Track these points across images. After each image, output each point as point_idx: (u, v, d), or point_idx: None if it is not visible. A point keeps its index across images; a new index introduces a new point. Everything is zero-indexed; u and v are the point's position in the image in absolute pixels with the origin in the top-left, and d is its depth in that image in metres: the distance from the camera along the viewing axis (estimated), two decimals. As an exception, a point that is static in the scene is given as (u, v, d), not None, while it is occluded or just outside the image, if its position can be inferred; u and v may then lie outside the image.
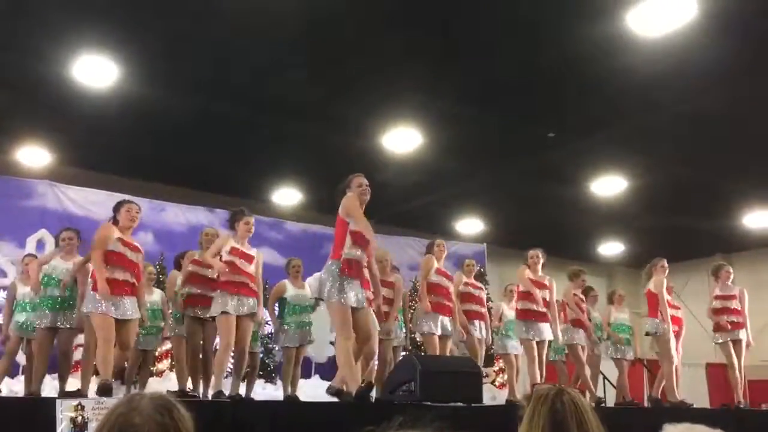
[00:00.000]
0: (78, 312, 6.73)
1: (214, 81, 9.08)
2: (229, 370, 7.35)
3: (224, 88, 9.26)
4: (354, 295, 5.97)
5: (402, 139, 10.62)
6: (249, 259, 6.87)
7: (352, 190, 6.21)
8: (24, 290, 7.66)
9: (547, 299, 8.19)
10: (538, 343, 8.13)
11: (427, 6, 7.49)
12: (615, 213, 13.96)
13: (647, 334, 8.73)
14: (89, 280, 6.43)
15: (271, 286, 8.91)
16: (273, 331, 8.91)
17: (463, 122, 10.17)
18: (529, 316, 8.10)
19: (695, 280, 9.92)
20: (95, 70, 8.53)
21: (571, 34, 7.83)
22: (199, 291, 7.25)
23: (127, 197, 6.85)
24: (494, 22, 7.71)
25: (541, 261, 8.35)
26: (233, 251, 6.80)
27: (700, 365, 12.50)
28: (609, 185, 12.59)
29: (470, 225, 15.30)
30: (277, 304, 8.44)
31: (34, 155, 11.07)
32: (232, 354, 6.82)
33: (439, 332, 7.81)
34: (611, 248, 17.14)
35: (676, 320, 8.86)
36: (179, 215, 12.18)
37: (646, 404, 10.06)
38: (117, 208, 6.50)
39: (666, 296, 8.60)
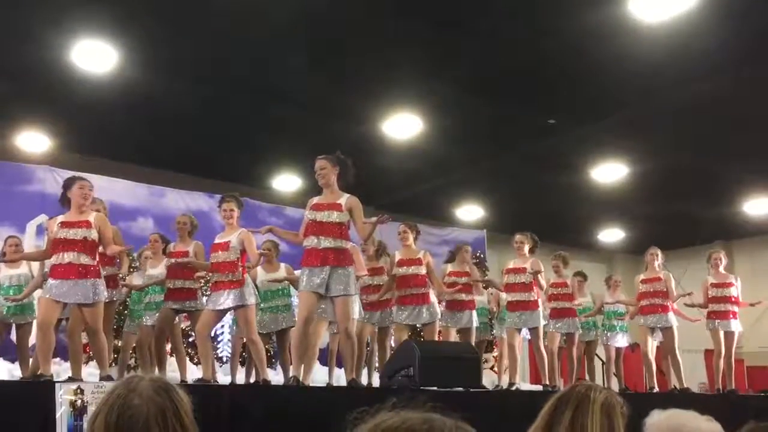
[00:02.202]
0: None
1: (215, 67, 9.05)
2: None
3: (225, 74, 9.23)
4: (311, 281, 6.00)
5: (402, 126, 10.59)
6: (223, 247, 6.71)
7: None
8: (6, 273, 7.50)
9: (532, 281, 8.11)
10: (530, 330, 8.11)
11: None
12: (615, 200, 13.95)
13: None
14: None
15: None
16: None
17: (464, 108, 10.15)
18: (516, 308, 8.10)
19: (695, 266, 9.92)
20: (95, 55, 8.49)
21: (571, 19, 7.79)
22: (182, 285, 7.20)
23: (78, 174, 6.52)
24: (495, 8, 7.67)
25: (527, 246, 8.29)
26: (212, 248, 6.80)
27: (699, 351, 12.55)
28: (609, 172, 12.57)
29: (470, 211, 15.29)
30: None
31: (33, 140, 11.04)
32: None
33: (408, 322, 7.67)
34: (611, 235, 17.14)
35: None
36: (179, 201, 12.16)
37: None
38: (69, 184, 6.12)
39: None
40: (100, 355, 6.02)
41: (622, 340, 9.72)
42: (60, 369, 7.79)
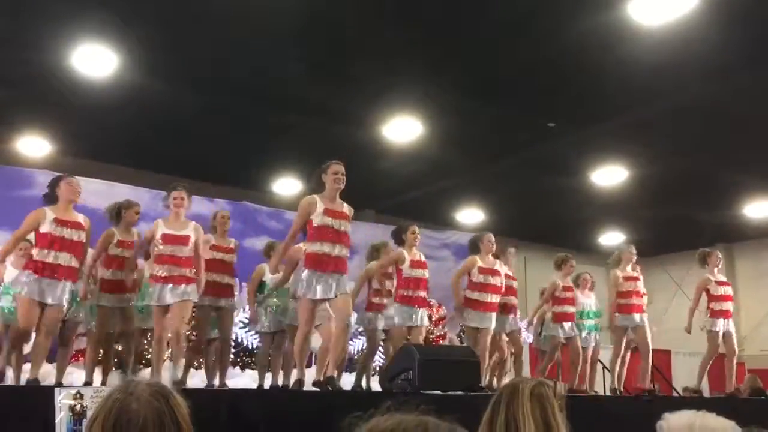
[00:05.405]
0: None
1: (215, 71, 9.06)
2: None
3: (225, 78, 9.24)
4: (324, 287, 6.03)
5: (403, 130, 10.61)
6: (184, 241, 6.46)
7: (327, 176, 6.26)
8: (13, 273, 7.41)
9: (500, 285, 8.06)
10: (481, 330, 7.92)
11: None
12: (616, 203, 13.95)
13: None
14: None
15: None
16: (248, 317, 8.41)
17: (464, 112, 10.15)
18: (478, 307, 7.86)
19: (696, 270, 9.87)
20: (95, 60, 8.51)
21: (571, 23, 7.81)
22: (217, 278, 7.14)
23: (67, 174, 6.48)
24: (494, 12, 7.69)
25: (493, 247, 8.19)
26: (165, 238, 6.42)
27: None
28: (610, 175, 12.59)
29: (471, 215, 15.29)
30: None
31: (33, 145, 11.07)
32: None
33: (409, 324, 7.56)
34: (612, 238, 17.10)
35: None
36: (180, 205, 12.13)
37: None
38: (55, 183, 6.10)
39: None
40: (41, 356, 5.99)
41: (592, 341, 9.40)
42: (45, 371, 7.74)
